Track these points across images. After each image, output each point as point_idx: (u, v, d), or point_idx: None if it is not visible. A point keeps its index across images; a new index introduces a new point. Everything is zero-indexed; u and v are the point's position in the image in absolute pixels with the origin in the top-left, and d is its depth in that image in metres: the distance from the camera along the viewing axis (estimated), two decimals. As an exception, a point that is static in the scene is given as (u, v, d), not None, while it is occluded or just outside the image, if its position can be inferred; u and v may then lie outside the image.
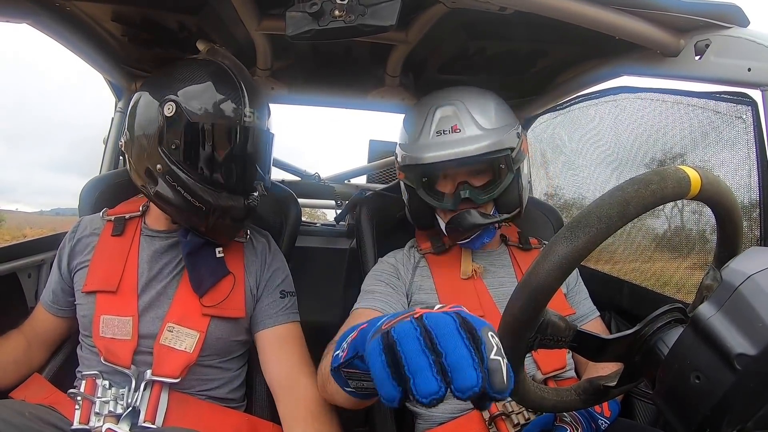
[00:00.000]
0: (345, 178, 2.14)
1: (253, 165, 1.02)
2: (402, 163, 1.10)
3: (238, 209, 0.99)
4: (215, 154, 0.96)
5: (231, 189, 0.98)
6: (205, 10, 1.09)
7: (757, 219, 0.92)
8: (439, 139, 1.03)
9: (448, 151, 1.00)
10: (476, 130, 1.02)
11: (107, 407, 0.95)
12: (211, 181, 0.97)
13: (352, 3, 0.77)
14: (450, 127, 1.02)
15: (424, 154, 1.02)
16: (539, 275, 0.55)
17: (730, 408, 0.50)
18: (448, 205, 1.04)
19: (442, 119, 1.04)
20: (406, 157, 1.07)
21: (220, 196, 0.97)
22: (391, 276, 1.08)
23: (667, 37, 0.90)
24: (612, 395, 0.71)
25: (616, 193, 0.55)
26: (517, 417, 0.94)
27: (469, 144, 1.00)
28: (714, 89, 1.00)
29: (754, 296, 0.50)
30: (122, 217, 1.10)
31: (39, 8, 1.03)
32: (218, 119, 0.94)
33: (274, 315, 1.07)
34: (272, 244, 1.17)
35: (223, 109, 0.95)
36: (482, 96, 1.08)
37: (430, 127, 1.04)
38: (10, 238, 12.72)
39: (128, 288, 1.02)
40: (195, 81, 0.96)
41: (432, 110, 1.06)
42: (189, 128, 0.94)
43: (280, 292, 1.10)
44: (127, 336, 0.98)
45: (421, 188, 1.07)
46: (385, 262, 1.13)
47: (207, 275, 1.02)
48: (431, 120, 1.05)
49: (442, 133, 1.03)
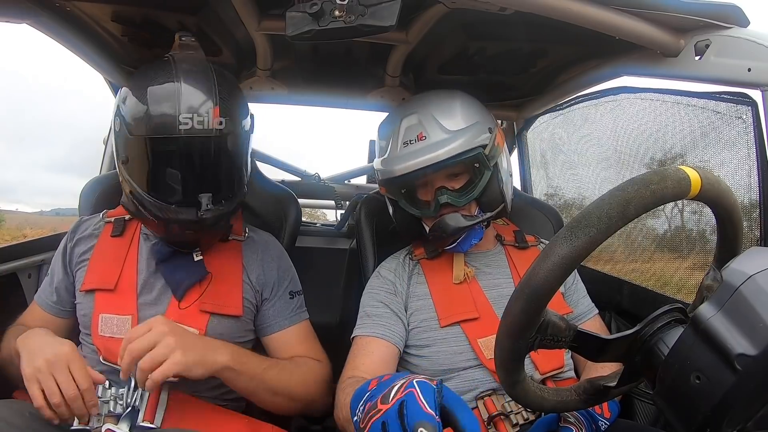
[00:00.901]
0: (345, 179, 2.13)
1: (200, 175, 0.93)
2: (380, 177, 1.10)
3: (190, 222, 0.92)
4: (156, 167, 0.91)
5: (179, 202, 0.92)
6: (205, 10, 1.09)
7: (757, 219, 0.92)
8: (406, 149, 1.03)
9: (416, 160, 0.99)
10: (442, 134, 1.01)
11: (107, 407, 0.94)
12: (158, 195, 0.92)
13: (352, 3, 0.77)
14: (416, 136, 1.02)
15: (395, 167, 1.02)
16: (539, 276, 0.55)
17: (731, 408, 0.50)
18: (430, 213, 1.04)
19: (407, 129, 1.04)
20: (381, 172, 1.07)
21: (168, 209, 0.92)
22: (388, 294, 1.08)
23: (667, 37, 0.90)
24: (612, 395, 0.71)
25: (616, 193, 0.54)
26: (516, 417, 0.94)
27: (436, 149, 0.99)
28: (714, 89, 1.00)
29: (755, 296, 0.50)
30: (122, 218, 1.10)
31: (39, 8, 1.03)
32: (151, 132, 0.88)
33: (287, 317, 1.08)
34: (275, 244, 1.17)
35: (156, 119, 0.88)
36: (447, 98, 1.07)
37: (397, 139, 1.05)
38: (10, 239, 12.71)
39: (127, 287, 1.02)
40: (139, 89, 0.90)
41: (398, 122, 1.06)
42: (130, 143, 0.91)
43: (289, 293, 1.11)
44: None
45: (402, 199, 1.08)
46: (381, 276, 1.12)
47: (183, 278, 1.02)
48: (398, 132, 1.05)
49: (409, 143, 1.03)
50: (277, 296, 1.09)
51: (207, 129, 0.88)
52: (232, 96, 0.94)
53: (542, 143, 1.77)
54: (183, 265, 1.03)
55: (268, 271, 1.10)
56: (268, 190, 1.35)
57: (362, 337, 1.03)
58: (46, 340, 0.89)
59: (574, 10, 0.84)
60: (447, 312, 1.03)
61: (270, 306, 1.09)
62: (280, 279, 1.11)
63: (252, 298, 1.08)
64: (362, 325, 1.05)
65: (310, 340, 1.11)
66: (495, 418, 0.94)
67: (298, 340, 1.09)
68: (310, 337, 1.11)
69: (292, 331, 1.09)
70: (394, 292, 1.08)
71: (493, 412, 0.94)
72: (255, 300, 1.08)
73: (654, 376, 0.58)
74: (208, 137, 0.89)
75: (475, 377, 0.99)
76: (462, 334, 1.00)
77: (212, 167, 0.93)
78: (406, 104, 1.11)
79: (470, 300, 1.04)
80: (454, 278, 1.07)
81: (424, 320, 1.04)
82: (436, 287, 1.07)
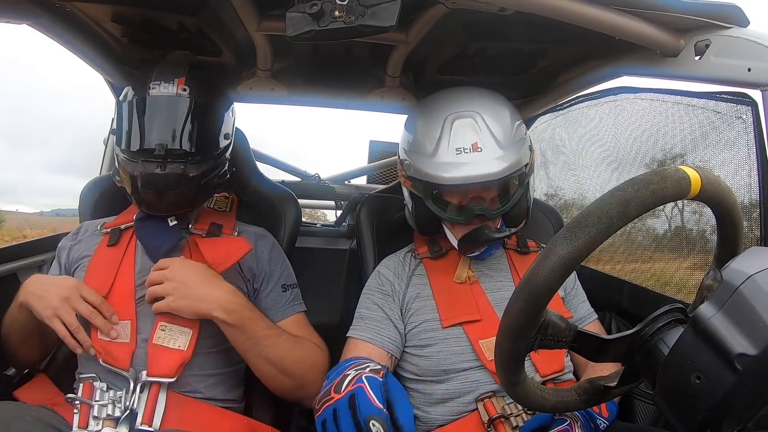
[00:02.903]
0: (345, 179, 2.14)
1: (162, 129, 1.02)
2: (412, 174, 1.05)
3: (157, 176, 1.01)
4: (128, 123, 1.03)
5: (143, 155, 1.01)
6: (205, 10, 1.09)
7: (757, 219, 0.92)
8: (459, 158, 0.97)
9: (470, 174, 0.95)
10: (497, 149, 0.97)
11: (105, 410, 0.95)
12: (130, 151, 1.02)
13: (352, 4, 0.77)
14: (470, 145, 0.97)
15: (443, 174, 0.97)
16: (539, 276, 0.55)
17: (731, 408, 0.50)
18: (460, 220, 1.01)
19: (460, 134, 0.98)
20: (419, 172, 1.01)
21: (136, 164, 1.01)
22: (384, 295, 1.07)
23: (667, 37, 0.90)
24: (612, 395, 0.71)
25: (617, 193, 0.55)
26: (516, 419, 0.94)
27: (491, 166, 0.96)
28: (714, 89, 1.00)
29: (755, 296, 0.50)
30: (117, 228, 1.12)
31: (39, 9, 1.03)
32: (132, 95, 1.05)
33: (279, 310, 1.09)
34: (267, 237, 1.18)
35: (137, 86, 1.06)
36: (497, 104, 1.04)
37: (447, 142, 0.99)
38: (10, 239, 12.71)
39: (123, 292, 1.03)
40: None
41: (448, 121, 1.00)
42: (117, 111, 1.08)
43: (282, 286, 1.11)
44: (125, 339, 0.98)
45: (430, 200, 1.03)
46: (380, 275, 1.11)
47: (160, 243, 1.07)
48: (448, 133, 0.99)
49: (462, 152, 0.97)
50: (269, 289, 1.10)
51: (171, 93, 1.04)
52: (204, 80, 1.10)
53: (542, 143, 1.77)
54: (159, 231, 1.08)
55: (260, 263, 1.11)
56: (268, 190, 1.35)
57: (354, 339, 1.04)
58: (51, 281, 1.01)
59: (574, 10, 0.84)
60: (449, 313, 1.03)
61: (263, 299, 1.09)
62: (271, 271, 1.11)
63: (244, 294, 1.07)
64: (356, 327, 1.06)
65: (305, 330, 1.10)
66: (495, 420, 0.94)
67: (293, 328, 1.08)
68: (306, 328, 1.11)
69: (285, 324, 1.08)
70: (390, 293, 1.08)
71: (493, 414, 0.94)
72: (248, 292, 1.08)
73: (654, 376, 0.58)
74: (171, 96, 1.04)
75: (475, 378, 0.99)
76: (463, 335, 1.00)
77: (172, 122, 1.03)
78: (452, 98, 1.04)
79: (472, 302, 1.04)
80: (456, 277, 1.07)
81: (425, 320, 1.04)
82: (438, 288, 1.07)
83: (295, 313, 1.11)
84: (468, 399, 0.98)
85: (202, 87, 1.07)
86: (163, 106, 1.03)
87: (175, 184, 1.02)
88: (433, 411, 1.01)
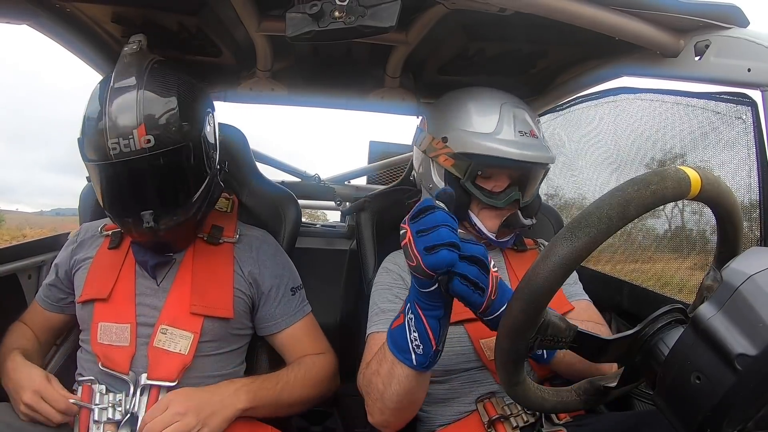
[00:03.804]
0: (345, 179, 2.14)
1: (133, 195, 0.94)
2: (463, 150, 1.04)
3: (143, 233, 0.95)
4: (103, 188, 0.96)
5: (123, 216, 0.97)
6: (205, 11, 1.09)
7: (757, 219, 0.92)
8: (522, 139, 1.03)
9: (533, 153, 1.01)
10: (543, 139, 1.08)
11: (105, 414, 0.95)
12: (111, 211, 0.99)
13: (352, 4, 0.77)
14: (528, 130, 1.05)
15: (511, 149, 1.01)
16: (539, 276, 0.55)
17: (731, 408, 0.50)
18: (498, 203, 1.03)
19: (521, 120, 1.05)
20: (480, 146, 1.02)
21: (123, 222, 0.97)
22: (401, 289, 1.06)
23: (666, 37, 0.90)
24: (612, 395, 0.71)
25: (617, 193, 0.55)
26: (516, 420, 0.94)
27: (544, 151, 1.04)
28: (714, 90, 1.00)
29: (755, 296, 0.50)
30: (118, 231, 1.11)
31: (39, 9, 1.03)
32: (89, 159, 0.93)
33: (292, 314, 1.10)
34: (271, 241, 1.17)
35: (91, 147, 0.91)
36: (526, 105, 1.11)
37: (511, 125, 1.04)
38: (10, 239, 12.71)
39: (124, 296, 1.03)
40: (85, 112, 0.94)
41: (505, 108, 1.05)
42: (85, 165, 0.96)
43: (291, 289, 1.12)
44: (125, 342, 0.98)
45: (469, 181, 1.04)
46: (389, 271, 1.11)
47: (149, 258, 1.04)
48: (509, 117, 1.04)
49: (525, 135, 1.04)
50: (280, 294, 1.10)
51: (135, 150, 0.88)
52: (165, 106, 0.92)
53: (542, 144, 1.77)
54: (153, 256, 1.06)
55: (264, 269, 1.10)
56: (267, 191, 1.35)
57: (377, 334, 0.99)
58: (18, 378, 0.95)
59: (573, 11, 0.84)
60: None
61: (275, 305, 1.09)
62: (279, 276, 1.11)
63: (246, 299, 1.08)
64: (379, 322, 1.02)
65: (315, 332, 1.13)
66: (495, 421, 0.94)
67: (305, 333, 1.11)
68: (315, 329, 1.14)
69: (298, 328, 1.10)
70: (404, 287, 1.07)
71: (493, 415, 0.94)
72: (251, 296, 1.08)
73: (654, 376, 0.58)
74: (140, 157, 0.89)
75: (476, 378, 0.99)
76: (466, 335, 1.00)
77: (148, 185, 0.94)
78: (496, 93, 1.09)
79: None
80: None
81: None
82: None
83: (305, 315, 1.12)
84: (468, 399, 0.98)
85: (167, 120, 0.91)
86: (133, 171, 0.91)
87: (165, 234, 0.97)
88: (435, 411, 1.01)
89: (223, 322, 1.04)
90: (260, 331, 1.11)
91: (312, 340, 1.11)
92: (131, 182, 0.93)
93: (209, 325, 1.02)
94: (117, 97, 0.90)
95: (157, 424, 0.87)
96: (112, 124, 0.88)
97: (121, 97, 0.90)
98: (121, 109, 0.89)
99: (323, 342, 1.13)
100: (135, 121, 0.88)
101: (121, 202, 0.95)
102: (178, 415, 0.87)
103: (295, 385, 1.02)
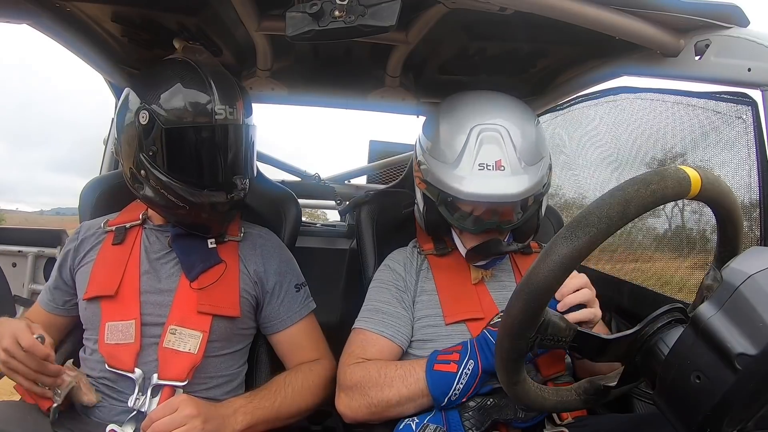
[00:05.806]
0: (345, 179, 2.14)
1: (232, 160, 1.02)
2: (429, 180, 1.02)
3: (221, 204, 1.02)
4: (192, 154, 0.99)
5: (211, 186, 1.01)
6: (205, 10, 1.09)
7: (757, 219, 0.92)
8: (481, 173, 0.95)
9: (490, 192, 0.94)
10: (519, 168, 0.95)
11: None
12: (191, 181, 0.99)
13: (352, 3, 0.77)
14: (494, 162, 0.94)
15: (463, 188, 0.95)
16: (539, 275, 0.55)
17: (731, 408, 0.50)
18: (472, 229, 1.01)
19: (486, 149, 0.95)
20: (438, 180, 0.99)
21: (201, 194, 1.00)
22: (400, 291, 1.06)
23: (667, 37, 0.90)
24: (612, 395, 0.71)
25: (617, 193, 0.55)
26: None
27: (511, 186, 0.94)
28: (714, 89, 1.00)
29: (755, 296, 0.50)
30: (123, 226, 1.11)
31: (39, 9, 1.03)
32: (190, 121, 0.97)
33: (296, 311, 1.10)
34: (273, 238, 1.18)
35: (194, 110, 0.97)
36: (524, 117, 1.02)
37: (471, 155, 0.96)
38: (10, 239, 12.67)
39: (129, 292, 1.02)
40: (167, 85, 0.98)
41: (473, 132, 0.97)
42: (163, 134, 0.97)
43: (295, 286, 1.12)
44: (130, 339, 0.98)
45: (443, 206, 1.01)
46: (391, 269, 1.11)
47: (198, 261, 1.04)
48: (474, 145, 0.96)
49: (485, 168, 0.94)
50: (283, 291, 1.10)
51: (236, 119, 1.00)
52: (245, 94, 1.06)
53: (542, 143, 1.77)
54: (197, 249, 1.06)
55: (269, 267, 1.10)
56: (268, 190, 1.35)
57: (368, 332, 1.01)
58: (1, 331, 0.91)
59: (573, 10, 0.84)
60: (452, 310, 1.03)
61: (279, 303, 1.09)
62: (283, 273, 1.11)
63: (251, 298, 1.08)
64: (370, 320, 1.03)
65: (315, 335, 1.13)
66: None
67: (306, 336, 1.11)
68: (316, 331, 1.14)
69: (300, 327, 1.10)
70: (404, 289, 1.07)
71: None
72: (256, 295, 1.08)
73: (654, 375, 0.58)
74: (238, 125, 1.01)
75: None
76: (467, 333, 1.00)
77: (240, 152, 1.03)
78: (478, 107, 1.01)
79: (476, 300, 1.04)
80: (472, 279, 1.07)
81: (428, 315, 1.04)
82: (442, 284, 1.07)
83: (309, 313, 1.12)
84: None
85: (248, 105, 1.05)
86: (232, 136, 1.01)
87: (233, 207, 1.05)
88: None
89: (229, 321, 1.04)
90: (264, 329, 1.11)
91: (312, 343, 1.11)
92: (227, 147, 1.01)
93: (217, 325, 1.01)
94: (218, 75, 1.01)
95: (167, 424, 0.86)
96: (220, 94, 0.98)
97: (222, 76, 1.02)
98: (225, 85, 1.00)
99: (322, 345, 1.12)
100: (238, 96, 1.02)
101: (214, 168, 1.00)
102: (189, 417, 0.87)
103: (294, 398, 1.01)
